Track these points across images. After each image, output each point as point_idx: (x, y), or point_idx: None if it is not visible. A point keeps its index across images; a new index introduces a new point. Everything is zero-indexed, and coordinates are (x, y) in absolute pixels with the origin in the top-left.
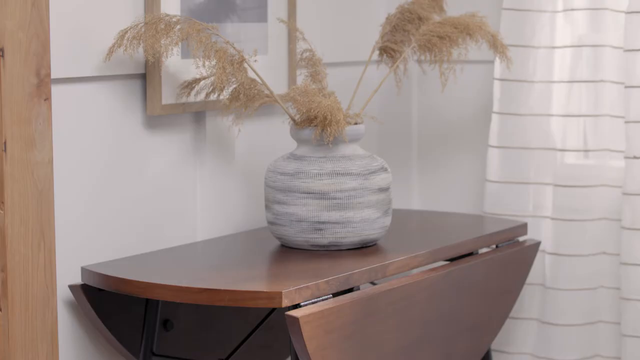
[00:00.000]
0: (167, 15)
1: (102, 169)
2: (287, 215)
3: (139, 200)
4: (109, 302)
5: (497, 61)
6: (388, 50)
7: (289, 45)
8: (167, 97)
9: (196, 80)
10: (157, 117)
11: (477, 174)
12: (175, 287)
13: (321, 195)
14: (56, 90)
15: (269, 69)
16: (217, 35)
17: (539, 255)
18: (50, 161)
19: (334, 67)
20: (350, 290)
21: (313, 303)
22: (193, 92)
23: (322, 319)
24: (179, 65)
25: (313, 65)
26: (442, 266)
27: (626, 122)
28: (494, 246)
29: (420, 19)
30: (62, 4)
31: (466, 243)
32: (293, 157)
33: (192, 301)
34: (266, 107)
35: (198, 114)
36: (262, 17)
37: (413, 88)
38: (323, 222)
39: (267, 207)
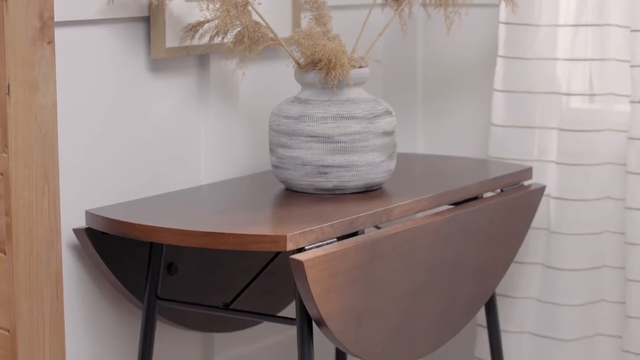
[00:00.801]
0: None
1: (106, 112)
2: (292, 159)
3: (143, 144)
4: (113, 245)
5: (503, 4)
6: None
7: None
8: (171, 40)
9: (200, 23)
10: (160, 61)
11: (482, 118)
12: (180, 231)
13: (325, 139)
14: (59, 34)
15: (272, 12)
16: None
17: (543, 200)
18: (54, 105)
19: (338, 10)
20: (354, 234)
21: (317, 247)
22: (197, 35)
23: (326, 263)
24: (182, 8)
25: (317, 8)
26: (447, 210)
27: (632, 66)
28: (498, 190)
29: None
30: None
31: (471, 187)
32: (297, 100)
33: (196, 245)
34: (270, 50)
35: (202, 57)
36: None
37: (418, 31)
38: (327, 166)
39: (271, 150)
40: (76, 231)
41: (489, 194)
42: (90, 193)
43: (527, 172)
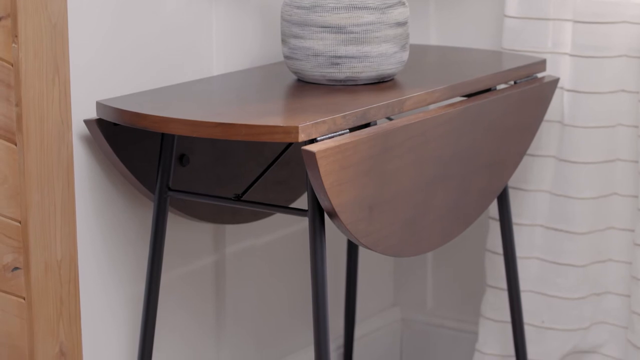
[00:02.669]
0: None
1: (117, 3)
2: (304, 50)
3: (155, 35)
4: (125, 137)
5: None
6: None
7: None
8: None
9: None
10: None
11: (496, 10)
12: (191, 122)
13: (338, 29)
14: None
15: None
16: None
17: (557, 92)
18: None
19: None
20: (367, 125)
21: (330, 138)
22: None
23: (338, 154)
24: None
25: None
26: (460, 102)
27: None
28: (512, 82)
29: None
30: None
31: (484, 79)
32: None
33: (207, 135)
34: None
35: None
36: None
37: None
38: (340, 57)
39: (283, 41)
40: (87, 122)
41: (502, 86)
42: (101, 84)
43: (541, 65)
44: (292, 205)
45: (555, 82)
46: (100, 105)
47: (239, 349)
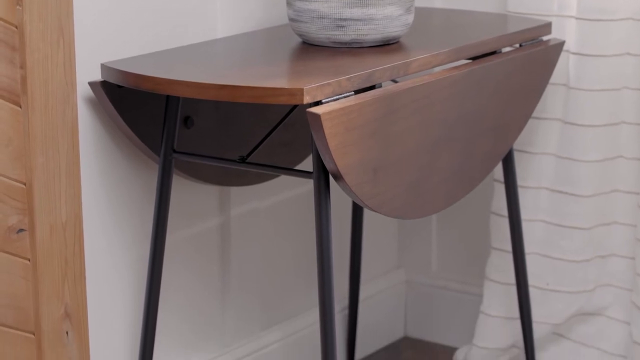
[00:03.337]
0: None
1: None
2: (309, 12)
3: None
4: (129, 99)
5: None
6: None
7: None
8: None
9: None
10: None
11: None
12: (196, 84)
13: None
14: None
15: None
16: None
17: (562, 55)
18: None
19: None
20: (372, 87)
21: (335, 100)
22: None
23: (343, 116)
24: None
25: None
26: (465, 65)
27: None
28: (517, 45)
29: None
30: None
31: (489, 42)
32: None
33: (212, 97)
34: None
35: None
36: None
37: None
38: (345, 19)
39: (288, 3)
40: (92, 85)
41: (507, 49)
42: (105, 46)
43: (546, 27)
44: (297, 168)
45: (560, 45)
46: (104, 68)
47: (243, 310)
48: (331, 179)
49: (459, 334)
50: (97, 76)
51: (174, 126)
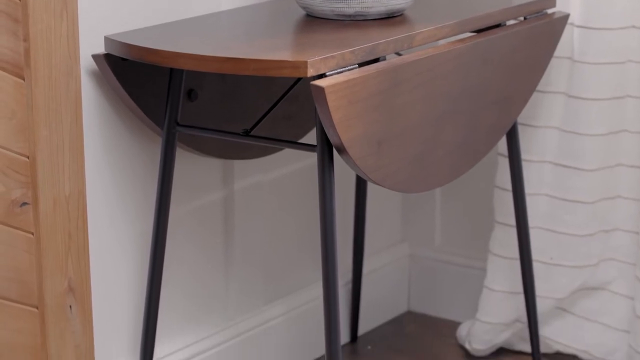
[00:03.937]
0: None
1: None
2: None
3: None
4: (133, 72)
5: None
6: None
7: None
8: None
9: None
10: None
11: None
12: (200, 56)
13: None
14: None
15: None
16: None
17: (567, 28)
18: None
19: None
20: (376, 60)
21: (339, 73)
22: None
23: (347, 89)
24: None
25: None
26: (469, 37)
27: None
28: (521, 18)
29: None
30: None
31: (493, 14)
32: None
33: (216, 70)
34: None
35: None
36: None
37: None
38: None
39: None
40: (95, 57)
41: (511, 22)
42: (109, 19)
43: (551, 0)
44: (301, 141)
45: (565, 18)
46: (108, 40)
47: (247, 284)
48: (335, 152)
49: (463, 309)
50: (101, 48)
51: (178, 99)
